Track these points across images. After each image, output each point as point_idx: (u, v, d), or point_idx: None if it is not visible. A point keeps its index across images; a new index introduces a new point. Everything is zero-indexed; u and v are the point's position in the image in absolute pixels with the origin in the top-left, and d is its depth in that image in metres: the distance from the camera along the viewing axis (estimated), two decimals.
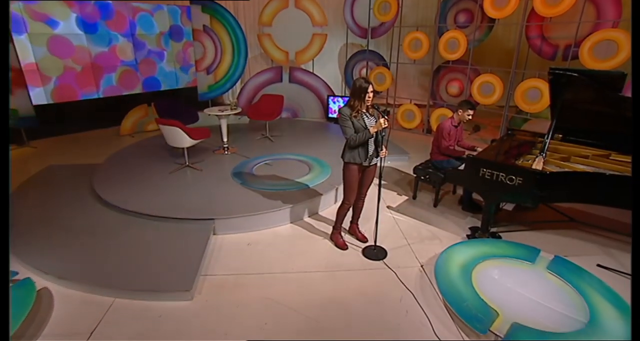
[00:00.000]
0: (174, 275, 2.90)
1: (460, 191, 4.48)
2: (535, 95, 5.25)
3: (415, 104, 7.13)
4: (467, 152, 3.85)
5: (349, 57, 8.19)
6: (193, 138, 4.61)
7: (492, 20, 6.03)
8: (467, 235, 3.59)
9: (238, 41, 7.81)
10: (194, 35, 7.48)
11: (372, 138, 3.00)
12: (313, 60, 7.94)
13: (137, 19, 6.63)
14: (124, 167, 4.99)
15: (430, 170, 4.13)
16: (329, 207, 4.19)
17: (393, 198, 4.42)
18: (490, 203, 3.33)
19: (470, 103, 3.89)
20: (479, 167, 3.26)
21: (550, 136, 3.31)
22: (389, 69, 7.32)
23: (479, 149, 3.94)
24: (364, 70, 7.83)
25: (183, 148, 4.84)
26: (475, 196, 4.12)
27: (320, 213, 4.06)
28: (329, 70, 8.65)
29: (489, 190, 3.26)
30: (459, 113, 3.93)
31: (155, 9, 6.82)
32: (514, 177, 3.06)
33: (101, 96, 6.41)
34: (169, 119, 4.50)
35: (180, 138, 4.56)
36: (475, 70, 6.36)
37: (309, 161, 5.06)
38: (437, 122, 6.62)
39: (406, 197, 4.42)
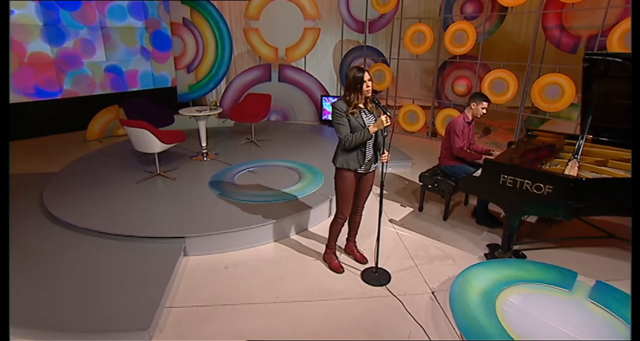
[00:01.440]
0: (130, 310, 2.50)
1: (473, 201, 4.20)
2: (555, 92, 4.96)
3: (419, 105, 6.85)
4: (484, 156, 3.54)
5: (344, 53, 7.95)
6: (164, 142, 4.27)
7: (504, 9, 5.77)
8: (485, 254, 3.26)
9: (222, 36, 7.55)
10: (172, 29, 7.17)
11: (371, 140, 2.69)
12: (305, 57, 7.71)
13: (108, 10, 6.32)
14: (84, 176, 4.64)
15: (440, 178, 3.85)
16: (322, 221, 3.88)
17: (396, 210, 4.14)
18: (512, 217, 2.99)
19: (483, 95, 3.64)
20: (499, 172, 2.95)
21: (584, 136, 2.97)
22: (389, 65, 7.05)
23: (496, 153, 3.65)
24: None
25: (154, 155, 4.49)
26: (491, 207, 3.82)
27: (310, 229, 3.75)
28: (322, 68, 8.43)
29: (512, 201, 2.95)
30: (472, 107, 3.66)
31: None
32: (542, 185, 2.72)
33: (63, 96, 6.06)
34: (137, 120, 4.12)
35: (150, 142, 4.21)
36: (485, 66, 6.09)
37: (299, 168, 4.79)
38: (443, 125, 6.37)
39: (411, 209, 4.15)
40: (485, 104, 3.60)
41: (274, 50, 7.45)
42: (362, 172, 2.76)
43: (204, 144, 5.18)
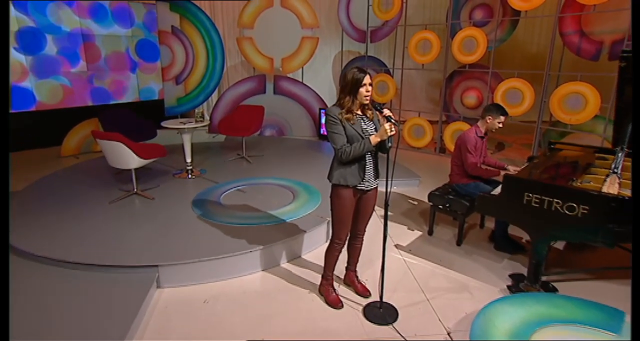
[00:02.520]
0: None
1: (490, 224, 3.96)
2: (576, 103, 4.75)
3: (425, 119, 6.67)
4: (502, 172, 3.30)
5: (344, 64, 7.84)
6: (142, 157, 4.06)
7: (517, 13, 5.65)
8: (509, 286, 2.97)
9: (214, 46, 7.42)
10: (160, 37, 7.04)
11: (372, 152, 2.48)
12: (302, 68, 7.62)
13: (90, 16, 6.20)
14: (49, 195, 4.39)
15: (451, 197, 3.63)
16: (317, 247, 3.63)
17: (402, 234, 3.91)
18: (540, 242, 2.71)
19: (501, 108, 3.46)
20: (522, 190, 2.70)
21: (624, 147, 2.72)
22: (392, 76, 6.89)
23: (513, 169, 3.43)
24: None
25: (131, 171, 4.26)
26: (512, 230, 3.56)
27: (304, 256, 3.50)
28: (321, 79, 8.32)
29: (539, 224, 2.68)
30: (488, 121, 3.49)
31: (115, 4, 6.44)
32: (575, 205, 2.45)
33: (37, 108, 5.86)
34: (111, 132, 3.89)
35: (125, 156, 3.99)
36: (497, 76, 5.92)
37: (294, 187, 4.61)
38: (452, 140, 6.18)
39: (420, 233, 3.92)
40: (502, 118, 3.44)
41: (269, 60, 7.35)
42: (362, 188, 2.52)
43: (188, 160, 4.97)
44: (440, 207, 3.71)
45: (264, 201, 4.16)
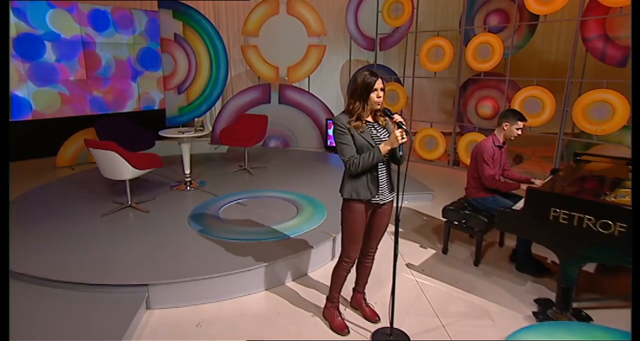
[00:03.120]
0: None
1: (510, 242, 3.78)
2: (603, 112, 4.57)
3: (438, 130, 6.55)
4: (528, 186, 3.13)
5: (352, 73, 7.76)
6: (136, 167, 3.96)
7: (534, 17, 5.54)
8: (534, 313, 2.77)
9: (217, 54, 7.47)
10: (162, 45, 7.06)
11: (385, 162, 2.35)
12: (309, 77, 7.55)
13: (90, 23, 6.20)
14: (37, 208, 4.30)
15: (468, 212, 3.48)
16: (324, 264, 3.48)
17: (414, 252, 3.75)
18: (569, 264, 2.52)
19: (518, 113, 3.34)
20: (549, 205, 2.53)
21: None
22: (402, 85, 6.79)
23: (541, 183, 3.24)
24: None
25: (126, 183, 4.18)
26: (535, 249, 3.37)
27: (310, 274, 3.35)
28: (328, 89, 8.26)
29: (568, 243, 2.50)
30: (505, 128, 3.35)
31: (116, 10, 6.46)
32: (611, 222, 2.26)
33: (34, 117, 5.83)
34: (105, 141, 3.80)
35: (119, 166, 3.90)
36: (514, 85, 5.78)
37: (298, 200, 4.49)
38: (467, 152, 6.04)
39: (433, 251, 3.76)
40: (520, 124, 3.30)
41: (274, 69, 7.31)
42: (376, 202, 2.38)
43: (187, 171, 4.89)
44: (456, 223, 3.56)
45: (266, 215, 4.04)
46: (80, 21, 6.12)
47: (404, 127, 2.18)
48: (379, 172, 2.33)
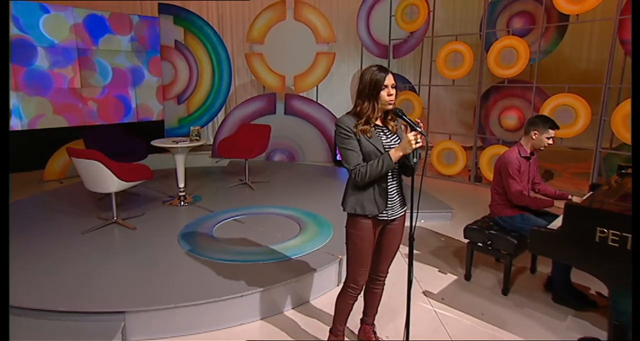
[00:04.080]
0: None
1: (544, 268, 3.52)
2: None
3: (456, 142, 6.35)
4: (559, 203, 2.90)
5: None
6: (123, 179, 3.79)
7: (564, 17, 5.37)
8: None
9: (220, 62, 7.48)
10: (162, 53, 7.02)
11: (395, 171, 2.17)
12: (317, 86, 7.48)
13: (86, 28, 6.18)
14: (17, 222, 4.15)
15: (494, 233, 3.23)
16: (328, 291, 3.27)
17: (432, 278, 3.53)
18: (621, 296, 2.22)
19: (549, 119, 3.13)
20: (594, 224, 2.24)
21: None
22: (417, 94, 6.62)
23: (576, 199, 3.04)
24: None
25: (112, 196, 4.04)
26: (575, 277, 3.09)
27: (312, 301, 3.14)
28: (338, 99, 8.18)
29: (618, 270, 2.19)
30: (533, 137, 3.15)
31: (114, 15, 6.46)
32: None
33: (25, 128, 5.76)
34: (88, 149, 3.64)
35: (104, 178, 3.74)
36: (541, 93, 5.55)
37: (302, 217, 4.32)
38: (489, 167, 5.82)
39: (454, 277, 3.53)
40: (552, 132, 3.09)
41: (280, 78, 7.24)
42: (385, 218, 2.17)
43: (181, 185, 4.74)
44: (480, 244, 3.31)
45: (265, 233, 3.87)
46: (75, 27, 6.11)
47: (418, 128, 1.98)
48: (389, 184, 2.13)
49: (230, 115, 7.35)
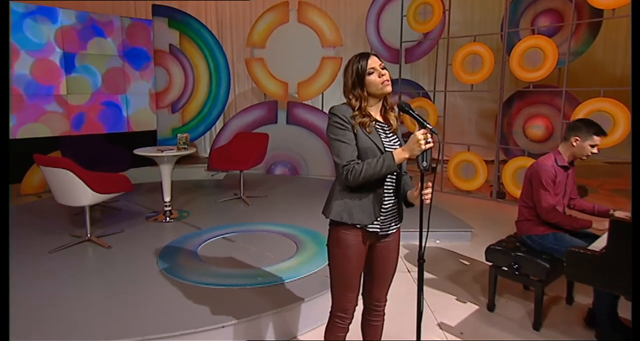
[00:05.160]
0: None
1: (583, 298, 3.27)
2: None
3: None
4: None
5: None
6: (97, 191, 3.62)
7: (597, 13, 5.21)
8: None
9: (218, 68, 7.49)
10: (155, 57, 6.97)
11: (393, 178, 1.96)
12: (323, 94, 7.38)
13: (74, 28, 6.13)
14: None
15: (522, 254, 3.01)
16: (322, 324, 2.95)
17: (449, 307, 3.31)
18: None
19: (595, 125, 2.89)
20: None
21: None
22: (432, 101, 6.43)
23: (625, 215, 2.80)
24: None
25: (85, 211, 3.88)
26: (621, 307, 2.81)
27: (301, 337, 2.91)
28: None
29: None
30: (574, 144, 2.91)
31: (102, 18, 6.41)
32: None
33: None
34: (58, 157, 3.45)
35: (75, 189, 3.57)
36: (571, 99, 5.33)
37: (299, 235, 4.15)
38: (514, 181, 5.58)
39: (475, 307, 3.29)
40: (597, 140, 2.86)
41: (283, 85, 7.18)
42: (375, 231, 1.95)
43: (167, 199, 4.60)
44: (505, 268, 3.09)
45: (256, 253, 3.71)
46: (62, 29, 6.06)
47: (429, 125, 1.77)
48: (385, 190, 1.90)
49: (228, 125, 7.27)
